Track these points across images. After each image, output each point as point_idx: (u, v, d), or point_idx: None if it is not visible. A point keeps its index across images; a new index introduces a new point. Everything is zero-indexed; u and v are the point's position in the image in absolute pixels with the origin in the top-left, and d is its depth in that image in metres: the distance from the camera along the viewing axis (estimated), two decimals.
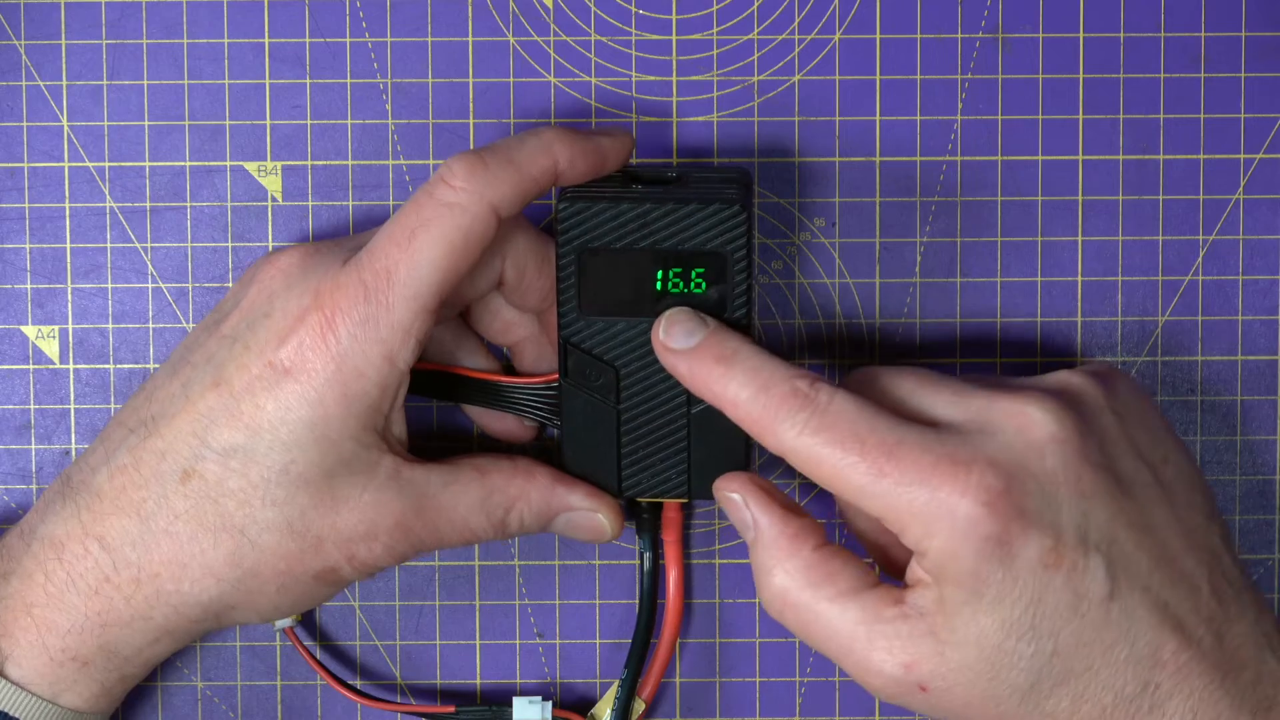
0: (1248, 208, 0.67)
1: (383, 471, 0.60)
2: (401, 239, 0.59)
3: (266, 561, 0.60)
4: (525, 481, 0.63)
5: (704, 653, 0.68)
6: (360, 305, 0.59)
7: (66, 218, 0.67)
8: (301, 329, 0.59)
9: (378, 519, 0.60)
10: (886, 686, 0.57)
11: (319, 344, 0.59)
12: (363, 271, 0.59)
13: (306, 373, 0.59)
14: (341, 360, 0.59)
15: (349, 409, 0.59)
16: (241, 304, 0.61)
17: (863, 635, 0.57)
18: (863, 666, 0.57)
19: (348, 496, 0.60)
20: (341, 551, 0.60)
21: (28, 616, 0.60)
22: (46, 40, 0.67)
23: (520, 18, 0.67)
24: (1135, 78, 0.67)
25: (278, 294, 0.60)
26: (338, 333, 0.59)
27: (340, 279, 0.59)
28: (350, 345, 0.59)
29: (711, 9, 0.67)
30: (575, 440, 0.63)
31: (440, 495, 0.61)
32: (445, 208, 0.59)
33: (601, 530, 0.64)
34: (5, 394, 0.67)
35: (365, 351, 0.59)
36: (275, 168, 0.67)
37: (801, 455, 0.57)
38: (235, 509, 0.59)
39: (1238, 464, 0.68)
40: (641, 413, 0.63)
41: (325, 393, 0.59)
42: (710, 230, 0.61)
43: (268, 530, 0.59)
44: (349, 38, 0.67)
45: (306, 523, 0.59)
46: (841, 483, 0.57)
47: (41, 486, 0.67)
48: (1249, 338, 0.68)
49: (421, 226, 0.59)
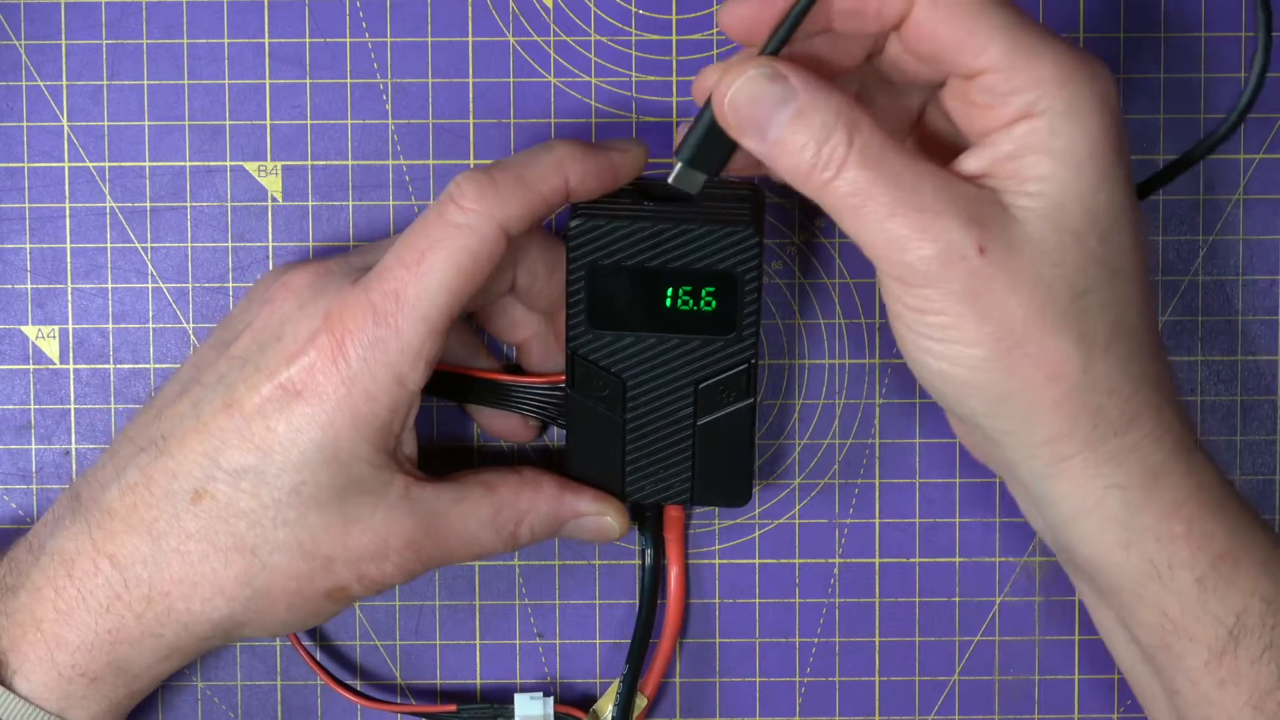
0: (1248, 208, 0.67)
1: (393, 491, 0.60)
2: (410, 260, 0.58)
3: (277, 581, 0.60)
4: (533, 494, 0.63)
5: (704, 653, 0.68)
6: (369, 328, 0.58)
7: (66, 218, 0.67)
8: (312, 351, 0.59)
9: (389, 538, 0.60)
10: (940, 248, 0.54)
11: (329, 366, 0.58)
12: (371, 293, 0.58)
13: (317, 395, 0.58)
14: (352, 382, 0.58)
15: (359, 430, 0.59)
16: (253, 325, 0.60)
17: (930, 186, 0.55)
18: (919, 220, 0.55)
19: (359, 516, 0.60)
20: (352, 570, 0.60)
21: (36, 631, 0.60)
22: (46, 40, 0.66)
23: (520, 18, 0.67)
24: (1135, 78, 0.67)
25: (288, 315, 0.60)
26: (348, 355, 0.58)
27: (349, 301, 0.59)
28: (360, 368, 0.58)
29: (711, 9, 0.67)
30: (580, 446, 0.63)
31: (450, 513, 0.61)
32: (454, 228, 0.58)
33: (609, 531, 0.64)
34: (5, 394, 0.67)
35: (375, 374, 0.58)
36: (275, 168, 0.67)
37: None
38: (246, 530, 0.59)
39: (1238, 464, 0.68)
40: (647, 423, 0.63)
41: (336, 415, 0.58)
42: (722, 252, 0.61)
43: (279, 550, 0.59)
44: (349, 38, 0.67)
45: (317, 543, 0.59)
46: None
47: (42, 486, 0.67)
48: (1249, 338, 0.68)
49: (430, 248, 0.58)
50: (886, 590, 0.68)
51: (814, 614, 0.68)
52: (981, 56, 0.55)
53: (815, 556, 0.68)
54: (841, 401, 0.68)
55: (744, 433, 0.63)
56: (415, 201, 0.67)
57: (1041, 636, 0.68)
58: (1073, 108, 0.55)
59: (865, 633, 0.68)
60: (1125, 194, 0.56)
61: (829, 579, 0.68)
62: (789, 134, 0.55)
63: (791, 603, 0.68)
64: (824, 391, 0.67)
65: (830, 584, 0.68)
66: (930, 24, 0.55)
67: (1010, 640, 0.68)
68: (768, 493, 0.68)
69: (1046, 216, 0.55)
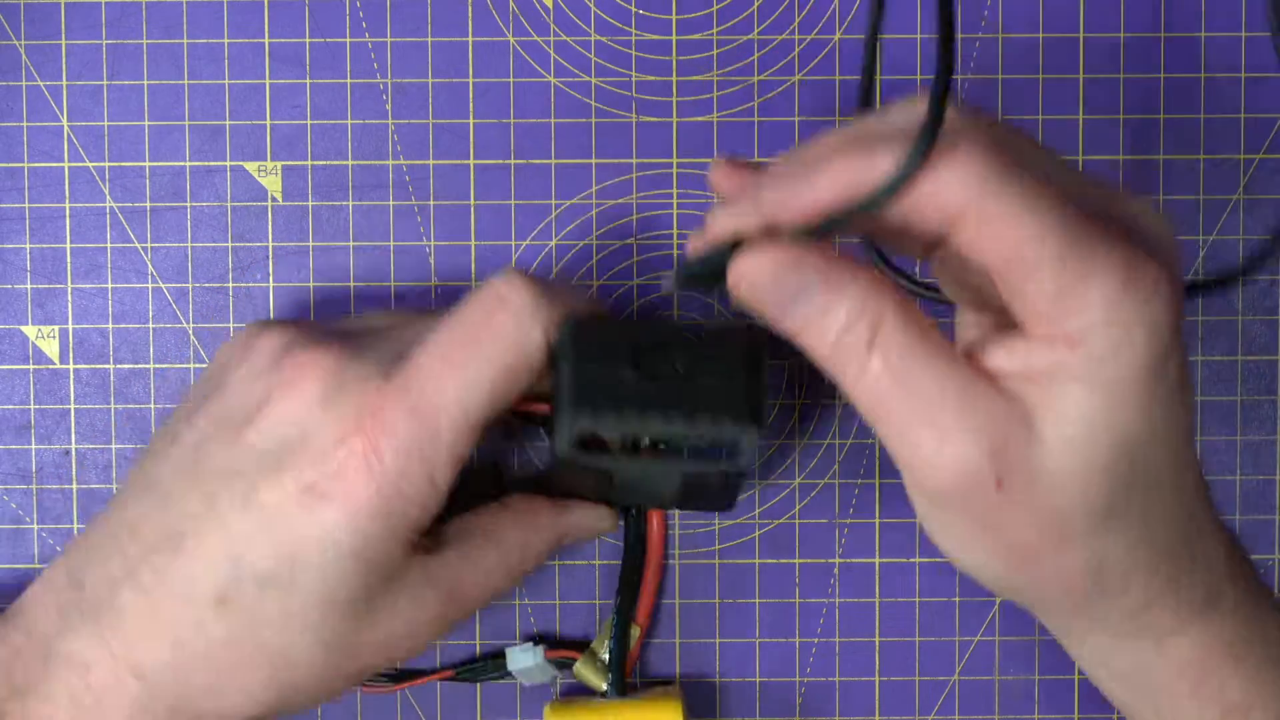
0: (1248, 208, 0.67)
1: (415, 575, 0.59)
2: (456, 361, 0.56)
3: (303, 678, 0.58)
4: (533, 531, 0.62)
5: (704, 652, 0.68)
6: (408, 432, 0.56)
7: (66, 218, 0.67)
8: (342, 453, 0.56)
9: (416, 620, 0.59)
10: (956, 478, 0.51)
11: (361, 469, 0.56)
12: (410, 393, 0.56)
13: (347, 499, 0.56)
14: (384, 486, 0.56)
15: (389, 531, 0.57)
16: (270, 413, 0.57)
17: (953, 402, 0.50)
18: (937, 440, 0.51)
19: (385, 606, 0.58)
20: (380, 655, 0.59)
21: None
22: (46, 40, 0.66)
23: (520, 18, 0.67)
24: (1135, 78, 0.67)
25: (311, 410, 0.57)
26: (383, 459, 0.56)
27: (387, 401, 0.56)
28: (395, 472, 0.56)
29: (711, 9, 0.67)
30: (563, 483, 0.63)
31: (464, 575, 0.60)
32: (504, 336, 0.57)
33: (600, 530, 0.64)
34: (5, 394, 0.67)
35: (410, 477, 0.56)
36: (275, 168, 0.67)
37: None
38: (273, 636, 0.57)
39: (1238, 464, 0.68)
40: (634, 482, 0.61)
41: (366, 519, 0.56)
42: (718, 436, 0.57)
43: (306, 650, 0.57)
44: (349, 38, 0.67)
45: (345, 640, 0.58)
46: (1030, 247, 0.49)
47: (42, 486, 0.67)
48: (1249, 338, 0.68)
49: (477, 351, 0.56)
50: (886, 590, 0.68)
51: (814, 614, 0.68)
52: (1028, 284, 0.50)
53: (815, 556, 0.68)
54: (841, 402, 0.68)
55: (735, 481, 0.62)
56: (415, 201, 0.67)
57: (1041, 637, 0.68)
58: (1121, 343, 0.50)
59: (865, 633, 0.68)
60: (1170, 412, 0.51)
61: (829, 579, 0.68)
62: (806, 324, 0.52)
63: (791, 603, 0.68)
64: (824, 391, 0.67)
65: (830, 584, 0.68)
66: (971, 253, 0.51)
67: (1010, 640, 0.68)
68: (768, 493, 0.68)
69: (1074, 450, 0.51)
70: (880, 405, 0.51)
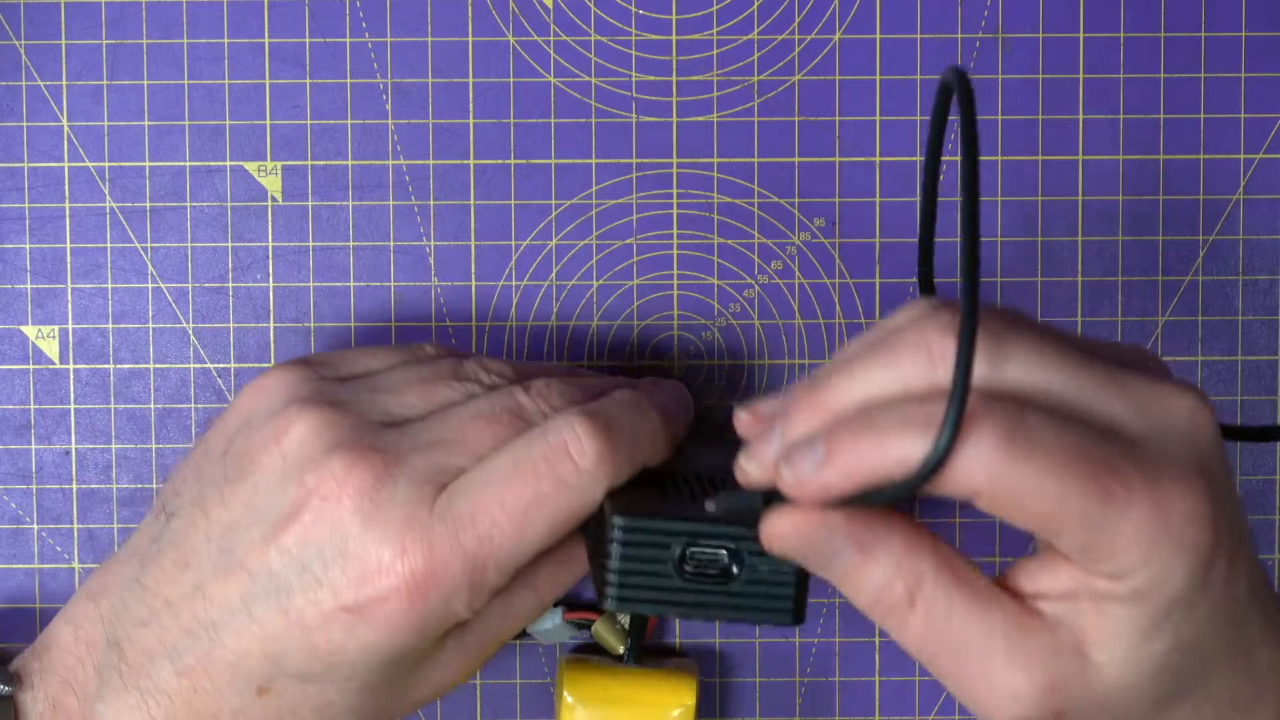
0: (1248, 208, 0.67)
1: (453, 646, 0.59)
2: (511, 509, 0.55)
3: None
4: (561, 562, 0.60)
5: (704, 654, 0.68)
6: (457, 579, 0.55)
7: (66, 218, 0.67)
8: (385, 581, 0.55)
9: (445, 679, 0.59)
10: (1017, 714, 0.51)
11: (404, 599, 0.55)
12: (464, 536, 0.55)
13: (388, 624, 0.55)
14: (426, 615, 0.55)
15: (427, 638, 0.56)
16: (307, 521, 0.56)
17: (1001, 647, 0.50)
18: (990, 686, 0.50)
19: (420, 677, 0.58)
20: (411, 709, 0.59)
21: None
22: (46, 40, 0.66)
23: (520, 18, 0.67)
24: (1135, 78, 0.67)
25: (352, 531, 0.55)
26: (428, 597, 0.55)
27: (436, 544, 0.55)
28: (439, 604, 0.55)
29: (711, 9, 0.67)
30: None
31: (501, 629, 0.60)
32: (566, 489, 0.56)
33: None
34: (5, 394, 0.67)
35: (452, 607, 0.56)
36: (275, 168, 0.67)
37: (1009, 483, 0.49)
38: (312, 715, 0.57)
39: (1238, 464, 0.68)
40: None
41: (404, 635, 0.56)
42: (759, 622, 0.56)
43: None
44: (349, 38, 0.67)
45: (382, 710, 0.58)
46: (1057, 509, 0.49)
47: (41, 486, 0.67)
48: (1249, 338, 0.68)
49: (537, 504, 0.56)
50: None
51: (814, 614, 0.68)
52: (1060, 540, 0.49)
53: None
54: None
55: None
56: (415, 201, 0.67)
57: None
58: (1162, 575, 0.49)
59: (865, 633, 0.68)
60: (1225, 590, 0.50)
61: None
62: (843, 580, 0.52)
63: None
64: None
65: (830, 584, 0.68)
66: (997, 515, 0.50)
67: None
68: None
69: (1130, 665, 0.50)
70: (927, 656, 0.51)
